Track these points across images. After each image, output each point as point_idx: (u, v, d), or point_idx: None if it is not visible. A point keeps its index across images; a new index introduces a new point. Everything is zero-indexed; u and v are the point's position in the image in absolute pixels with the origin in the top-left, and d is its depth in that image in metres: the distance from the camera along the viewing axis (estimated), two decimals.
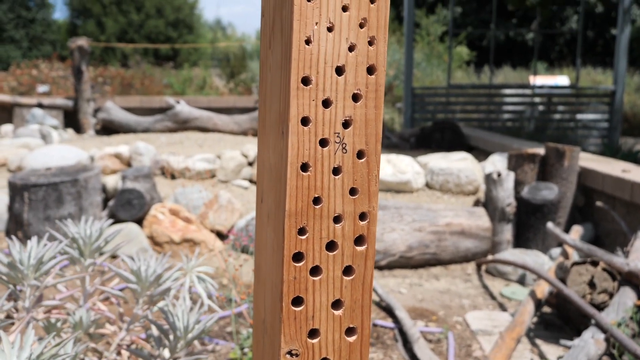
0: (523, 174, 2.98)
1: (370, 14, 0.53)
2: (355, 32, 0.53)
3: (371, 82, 0.54)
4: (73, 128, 5.31)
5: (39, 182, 2.59)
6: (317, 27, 0.51)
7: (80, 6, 18.47)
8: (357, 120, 0.54)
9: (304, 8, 0.51)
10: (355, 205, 0.54)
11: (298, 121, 0.52)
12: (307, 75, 0.52)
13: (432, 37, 17.02)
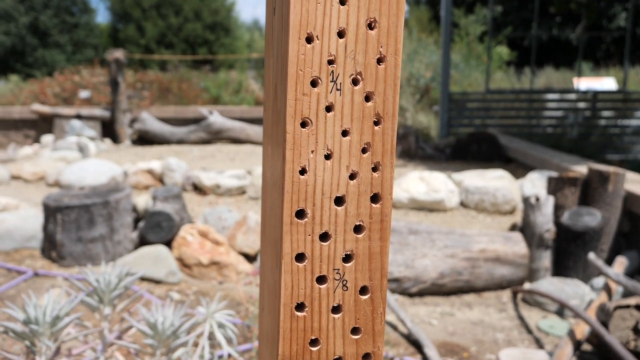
0: (563, 197, 2.84)
1: (374, 138, 0.47)
2: (357, 159, 0.47)
3: (375, 212, 0.48)
4: (110, 137, 5.42)
5: (71, 203, 2.63)
6: (314, 156, 0.46)
7: (122, 11, 18.93)
8: (359, 254, 0.48)
9: (297, 136, 0.45)
10: (358, 346, 0.49)
11: (292, 258, 0.47)
12: (302, 208, 0.46)
13: (471, 37, 16.67)
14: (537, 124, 8.37)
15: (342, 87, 0.46)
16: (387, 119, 0.47)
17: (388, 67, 0.46)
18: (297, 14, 0.44)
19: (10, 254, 2.84)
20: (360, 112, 0.46)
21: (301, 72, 0.45)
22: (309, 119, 0.45)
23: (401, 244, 2.69)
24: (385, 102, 0.47)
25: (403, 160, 5.16)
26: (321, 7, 0.44)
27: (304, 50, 0.44)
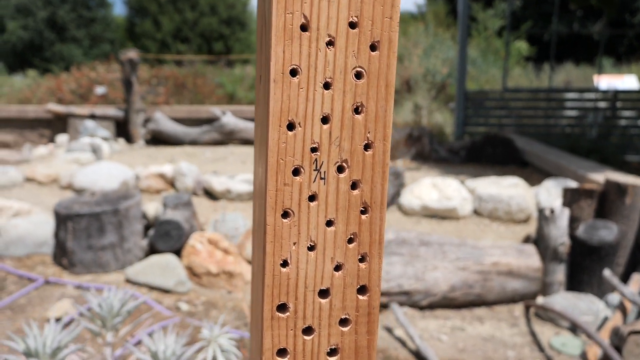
0: (579, 209, 2.77)
1: (361, 228, 0.44)
2: (343, 250, 0.44)
3: (362, 304, 0.45)
4: (124, 137, 5.44)
5: (81, 211, 2.63)
6: (296, 248, 0.43)
7: (138, 5, 19.01)
8: (345, 348, 0.45)
9: (279, 228, 0.42)
10: None
11: (273, 354, 0.44)
12: (283, 302, 0.43)
13: (489, 32, 16.44)
14: (555, 123, 8.23)
15: (326, 175, 0.43)
16: (375, 207, 0.44)
17: (376, 153, 0.43)
18: (277, 100, 0.41)
19: (23, 259, 2.86)
20: (346, 201, 0.43)
21: (282, 161, 0.42)
22: (290, 210, 0.43)
23: (412, 255, 2.65)
24: (373, 190, 0.44)
25: (417, 163, 5.10)
26: (304, 93, 0.41)
27: (285, 139, 0.41)
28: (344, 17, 0.41)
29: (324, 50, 0.41)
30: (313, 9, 0.40)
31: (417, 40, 15.12)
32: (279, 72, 0.40)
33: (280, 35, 0.40)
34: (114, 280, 2.64)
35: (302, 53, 0.40)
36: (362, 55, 0.41)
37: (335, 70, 0.41)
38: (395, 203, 3.55)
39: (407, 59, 14.51)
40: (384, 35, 0.41)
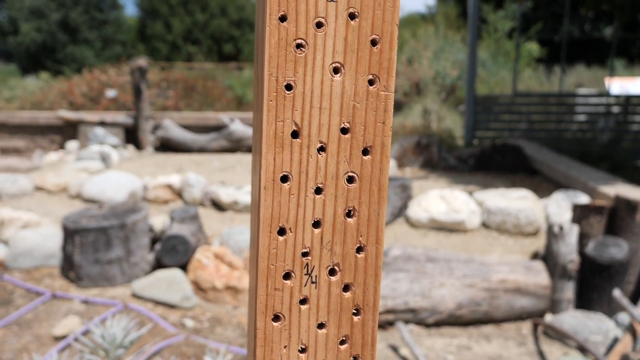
0: (588, 226, 2.74)
1: (353, 330, 0.43)
2: (334, 352, 0.43)
3: None
4: (133, 144, 5.47)
5: (89, 226, 2.65)
6: (286, 351, 0.42)
7: (149, 7, 19.12)
8: None
9: (269, 332, 0.42)
10: None
11: None
12: None
13: (500, 34, 16.34)
14: (566, 128, 8.16)
15: (317, 279, 0.42)
16: (368, 310, 0.43)
17: (368, 256, 0.42)
18: (268, 207, 0.40)
19: (31, 272, 2.88)
20: (338, 304, 0.43)
21: (273, 267, 0.41)
22: (281, 314, 0.42)
23: (418, 272, 2.63)
24: (365, 292, 0.43)
25: (425, 171, 5.08)
26: (295, 199, 0.40)
27: (276, 244, 0.41)
28: (335, 124, 0.40)
29: (316, 156, 0.40)
30: (304, 116, 0.39)
31: (427, 42, 15.06)
32: (269, 179, 0.40)
33: (270, 143, 0.39)
34: (121, 295, 2.65)
35: (293, 160, 0.40)
36: (354, 160, 0.41)
37: (326, 176, 0.40)
38: (402, 215, 3.54)
39: (416, 61, 14.46)
40: (377, 140, 0.41)
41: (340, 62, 0.39)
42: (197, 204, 3.59)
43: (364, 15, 0.39)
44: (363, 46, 0.39)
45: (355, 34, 0.39)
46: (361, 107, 0.40)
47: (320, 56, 0.39)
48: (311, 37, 0.38)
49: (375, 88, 0.40)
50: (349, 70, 0.39)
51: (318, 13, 0.38)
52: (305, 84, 0.39)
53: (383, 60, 0.40)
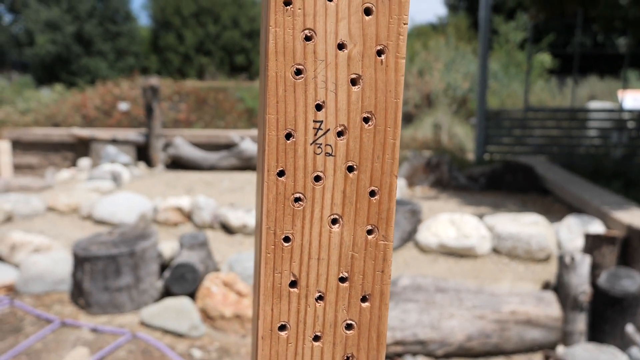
0: (601, 256, 2.71)
1: None
2: None
3: None
4: (145, 161, 5.51)
5: (99, 254, 2.66)
6: None
7: (162, 19, 19.33)
8: None
9: None
10: None
11: None
12: None
13: (511, 45, 16.28)
14: (579, 143, 8.08)
15: None
16: None
17: None
18: (265, 356, 0.40)
19: (41, 297, 2.90)
20: None
21: None
22: None
23: (427, 302, 2.61)
24: None
25: (435, 191, 5.05)
26: (292, 347, 0.40)
27: None
28: (334, 273, 0.40)
29: (314, 305, 0.40)
30: (302, 267, 0.39)
31: (438, 54, 15.05)
32: (267, 329, 0.39)
33: (268, 294, 0.39)
34: (129, 322, 2.66)
35: (290, 310, 0.39)
36: (352, 308, 0.40)
37: (325, 324, 0.40)
38: (411, 240, 3.52)
39: (427, 73, 14.45)
40: (376, 288, 0.40)
41: (339, 214, 0.39)
42: (206, 226, 3.60)
43: (363, 168, 0.38)
44: (362, 198, 0.39)
45: (354, 186, 0.39)
46: (360, 257, 0.40)
47: (318, 209, 0.39)
48: (309, 191, 0.38)
49: (374, 238, 0.40)
50: (347, 221, 0.39)
51: (316, 167, 0.38)
52: (303, 236, 0.39)
53: (382, 211, 0.39)
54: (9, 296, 2.90)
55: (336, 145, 0.38)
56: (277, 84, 0.36)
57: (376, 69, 0.37)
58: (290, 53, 0.36)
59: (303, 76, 0.37)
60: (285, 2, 0.36)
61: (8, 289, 3.03)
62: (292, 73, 0.37)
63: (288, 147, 0.37)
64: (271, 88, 0.37)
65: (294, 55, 0.36)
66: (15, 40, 20.99)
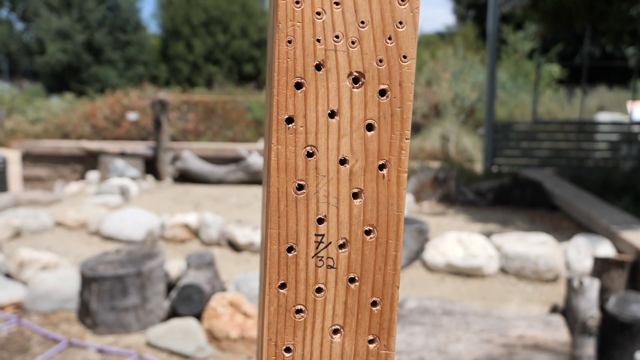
0: (609, 280, 2.68)
1: None
2: None
3: None
4: (153, 174, 5.54)
5: (106, 274, 2.68)
6: None
7: (172, 28, 19.48)
8: None
9: None
10: None
11: None
12: None
13: (519, 55, 16.24)
14: (587, 156, 8.03)
15: None
16: None
17: None
18: None
19: (48, 315, 2.92)
20: None
21: None
22: None
23: (434, 325, 2.60)
24: None
25: (443, 206, 5.04)
26: None
27: None
28: None
29: None
30: None
31: (445, 63, 15.05)
32: None
33: None
34: (135, 343, 2.66)
35: None
36: None
37: None
38: (419, 259, 3.51)
39: (435, 83, 14.45)
40: None
41: (340, 325, 0.39)
42: (213, 244, 3.61)
43: (364, 280, 0.39)
44: (363, 308, 0.39)
45: (355, 297, 0.39)
46: None
47: (319, 320, 0.39)
48: (310, 303, 0.38)
49: (376, 347, 0.40)
50: (348, 331, 0.39)
51: (318, 280, 0.38)
52: (304, 347, 0.39)
53: (384, 321, 0.39)
54: (16, 314, 2.91)
55: (338, 257, 0.38)
56: (279, 199, 0.37)
57: (378, 183, 0.38)
58: (292, 170, 0.36)
59: (305, 191, 0.37)
60: (287, 120, 0.36)
61: (16, 307, 3.04)
62: (293, 189, 0.37)
63: (289, 261, 0.37)
64: (273, 203, 0.37)
65: (295, 171, 0.37)
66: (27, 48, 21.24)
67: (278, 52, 0.35)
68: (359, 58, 0.36)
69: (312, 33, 0.35)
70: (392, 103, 0.36)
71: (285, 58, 0.35)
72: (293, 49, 0.35)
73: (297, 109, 0.36)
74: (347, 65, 0.36)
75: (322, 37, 0.35)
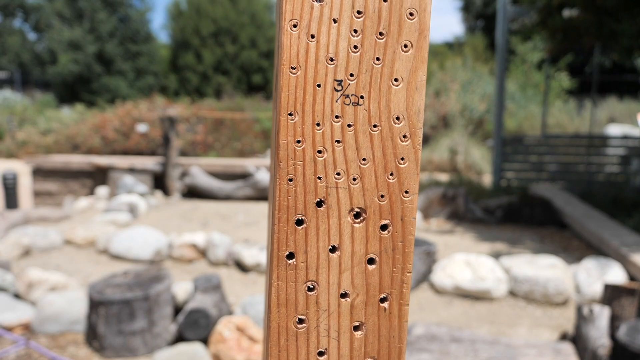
0: (620, 307, 2.65)
1: None
2: None
3: None
4: (161, 189, 5.57)
5: (113, 298, 2.68)
6: None
7: (182, 39, 19.63)
8: None
9: None
10: None
11: None
12: None
13: (528, 65, 16.18)
14: (597, 170, 7.97)
15: None
16: None
17: None
18: None
19: (56, 337, 2.92)
20: None
21: None
22: None
23: (442, 353, 2.57)
24: None
25: (452, 224, 5.01)
26: None
27: None
28: None
29: None
30: None
31: (454, 74, 15.02)
32: None
33: None
34: None
35: None
36: None
37: None
38: (427, 280, 3.49)
39: (444, 94, 14.43)
40: None
41: None
42: (220, 264, 3.61)
43: None
44: None
45: None
46: None
47: None
48: None
49: None
50: None
51: None
52: None
53: None
54: (24, 336, 2.93)
55: None
56: (279, 334, 0.37)
57: (379, 316, 0.37)
58: (292, 305, 0.36)
59: (305, 325, 0.37)
60: (288, 256, 0.36)
61: (24, 328, 3.06)
62: (294, 323, 0.37)
63: None
64: (273, 338, 0.37)
65: (296, 306, 0.36)
66: (39, 59, 21.49)
67: (279, 190, 0.35)
68: (361, 194, 0.36)
69: (313, 171, 0.35)
70: (394, 237, 0.36)
71: (286, 196, 0.35)
72: (294, 187, 0.35)
73: (298, 245, 0.36)
74: (349, 202, 0.36)
75: (323, 175, 0.35)
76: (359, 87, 0.34)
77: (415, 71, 0.36)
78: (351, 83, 0.34)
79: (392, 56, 0.35)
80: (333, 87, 0.34)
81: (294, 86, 0.34)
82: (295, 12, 0.33)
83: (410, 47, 0.35)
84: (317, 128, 0.34)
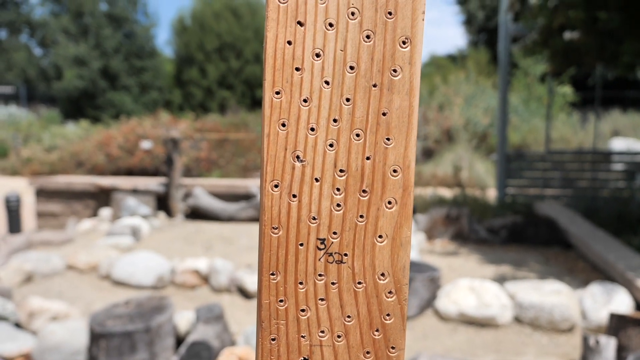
0: (626, 338, 2.61)
1: None
2: None
3: None
4: (165, 210, 5.58)
5: (114, 330, 2.67)
6: None
7: (186, 54, 19.76)
8: None
9: None
10: None
11: None
12: None
13: (531, 78, 16.19)
14: (602, 186, 7.93)
15: None
16: None
17: None
18: None
19: None
20: None
21: None
22: None
23: None
24: None
25: (456, 244, 4.98)
26: None
27: None
28: None
29: None
30: None
31: (457, 88, 15.05)
32: None
33: None
34: None
35: None
36: None
37: None
38: (431, 307, 3.46)
39: (447, 108, 14.44)
40: None
41: None
42: (223, 290, 3.60)
43: None
44: None
45: None
46: None
47: None
48: None
49: None
50: None
51: None
52: None
53: None
54: None
55: None
56: None
57: None
58: None
59: None
60: None
61: (25, 358, 3.04)
62: None
63: None
64: None
65: None
66: (44, 74, 21.68)
67: (262, 349, 0.34)
68: (346, 352, 0.34)
69: (296, 329, 0.34)
70: None
71: (269, 355, 0.34)
72: (277, 346, 0.34)
73: None
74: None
75: (306, 334, 0.34)
76: (342, 245, 0.33)
77: (400, 227, 0.35)
78: (334, 241, 0.33)
79: (376, 213, 0.34)
80: (316, 245, 0.33)
81: (276, 246, 0.33)
82: (277, 173, 0.33)
83: (394, 203, 0.34)
84: (300, 287, 0.33)
